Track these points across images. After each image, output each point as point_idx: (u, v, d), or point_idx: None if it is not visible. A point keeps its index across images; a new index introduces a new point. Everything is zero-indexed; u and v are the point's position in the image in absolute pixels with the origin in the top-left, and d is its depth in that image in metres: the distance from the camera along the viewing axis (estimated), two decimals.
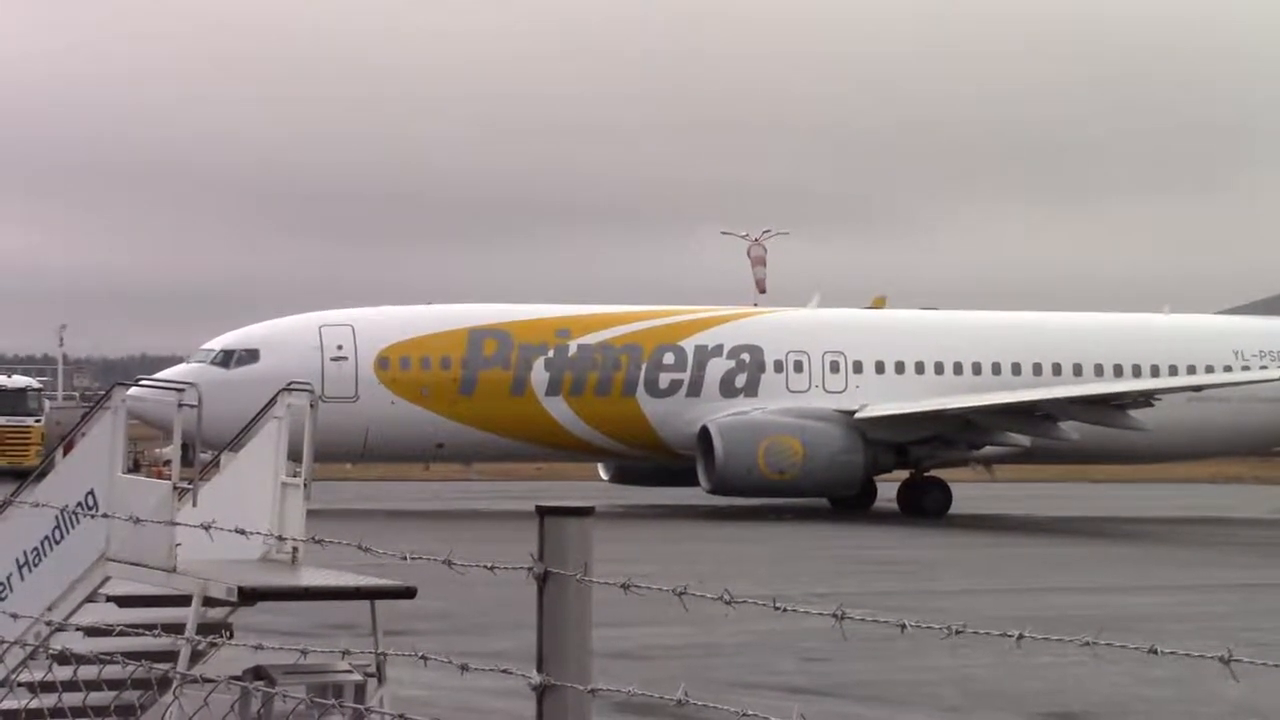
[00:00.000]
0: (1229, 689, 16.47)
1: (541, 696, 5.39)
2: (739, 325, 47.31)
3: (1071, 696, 17.59)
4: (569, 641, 5.43)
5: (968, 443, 45.84)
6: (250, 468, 12.35)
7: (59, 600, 11.37)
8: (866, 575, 30.87)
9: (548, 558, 5.49)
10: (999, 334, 48.46)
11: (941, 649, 15.87)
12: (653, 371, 45.59)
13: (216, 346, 44.01)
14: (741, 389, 45.86)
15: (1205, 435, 48.24)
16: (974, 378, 46.99)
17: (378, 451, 44.81)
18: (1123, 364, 48.02)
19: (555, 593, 5.46)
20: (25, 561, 11.67)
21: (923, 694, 17.58)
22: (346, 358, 43.66)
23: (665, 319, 46.90)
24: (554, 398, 44.99)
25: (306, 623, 18.77)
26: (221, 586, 10.73)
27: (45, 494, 11.74)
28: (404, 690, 12.46)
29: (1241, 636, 21.30)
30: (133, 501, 10.93)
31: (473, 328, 45.26)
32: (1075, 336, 48.77)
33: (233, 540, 10.02)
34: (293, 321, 44.83)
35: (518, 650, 8.49)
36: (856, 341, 47.18)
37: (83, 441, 12.00)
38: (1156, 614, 25.35)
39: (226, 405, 28.14)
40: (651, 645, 19.94)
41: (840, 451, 44.26)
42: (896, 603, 25.49)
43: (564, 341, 45.43)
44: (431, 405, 44.26)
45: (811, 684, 17.97)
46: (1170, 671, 17.90)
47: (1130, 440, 45.43)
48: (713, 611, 5.68)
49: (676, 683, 5.49)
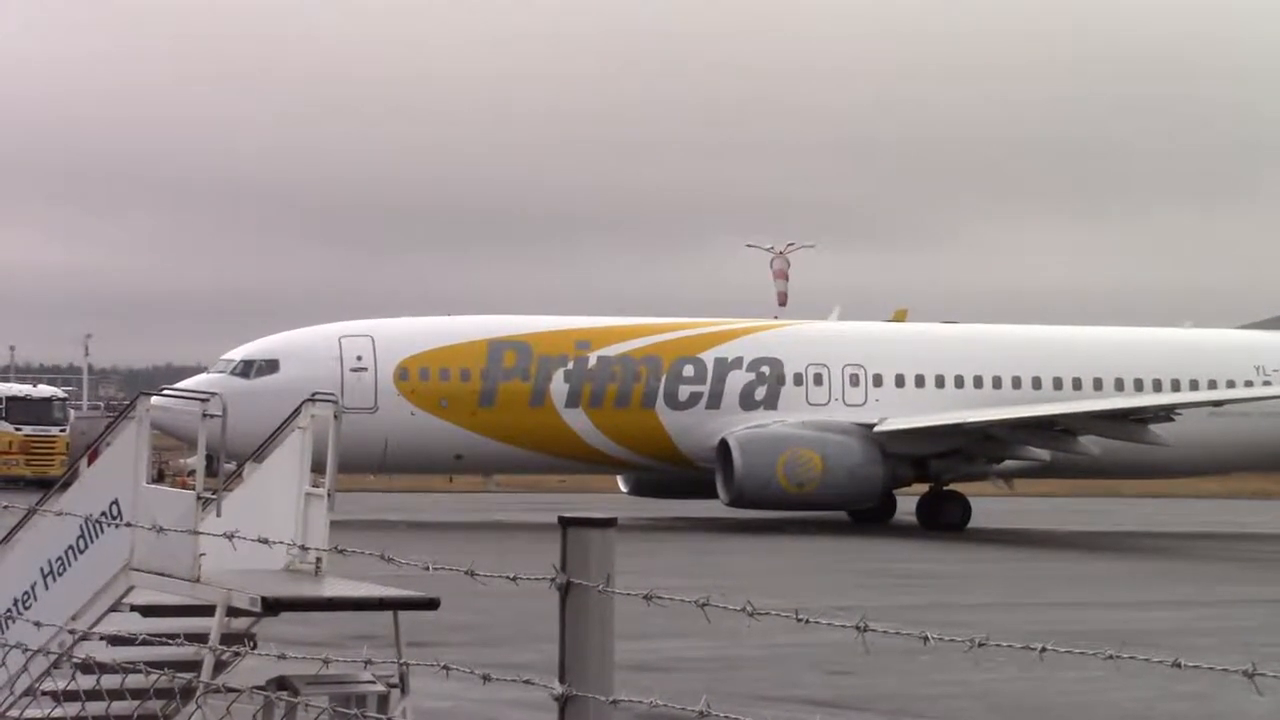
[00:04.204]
0: (1254, 704, 16.43)
1: (563, 707, 5.40)
2: (759, 338, 47.26)
3: (1095, 712, 17.56)
4: (591, 652, 5.44)
5: (987, 456, 45.78)
6: (274, 478, 12.36)
7: (83, 609, 11.39)
8: (888, 589, 30.83)
9: (570, 568, 5.49)
10: (1019, 348, 48.37)
11: (965, 663, 15.84)
12: (672, 384, 45.56)
13: (236, 357, 44.03)
14: (761, 401, 45.82)
15: (1226, 450, 48.10)
16: (994, 391, 46.90)
17: (397, 463, 44.81)
18: (1143, 378, 47.90)
19: (577, 603, 5.46)
20: (50, 570, 11.69)
21: (946, 708, 17.55)
22: (366, 369, 43.68)
23: (685, 331, 46.88)
24: (573, 409, 44.98)
25: (329, 633, 18.79)
26: (245, 597, 10.74)
27: (70, 503, 11.77)
28: (427, 702, 12.48)
29: (1266, 651, 21.23)
30: (157, 511, 10.96)
31: (492, 339, 45.26)
32: (1096, 351, 48.67)
33: (256, 550, 10.05)
34: (313, 332, 44.87)
35: (541, 662, 8.49)
36: (876, 354, 47.11)
37: (107, 451, 12.01)
38: (1180, 629, 25.30)
39: (246, 415, 28.15)
40: (674, 658, 19.93)
41: (859, 465, 44.19)
42: (919, 616, 25.44)
43: (584, 353, 45.41)
44: (451, 416, 44.26)
45: (834, 697, 17.95)
46: (1194, 686, 17.86)
47: (1150, 455, 45.31)
48: (735, 624, 5.67)
49: (699, 694, 5.49)
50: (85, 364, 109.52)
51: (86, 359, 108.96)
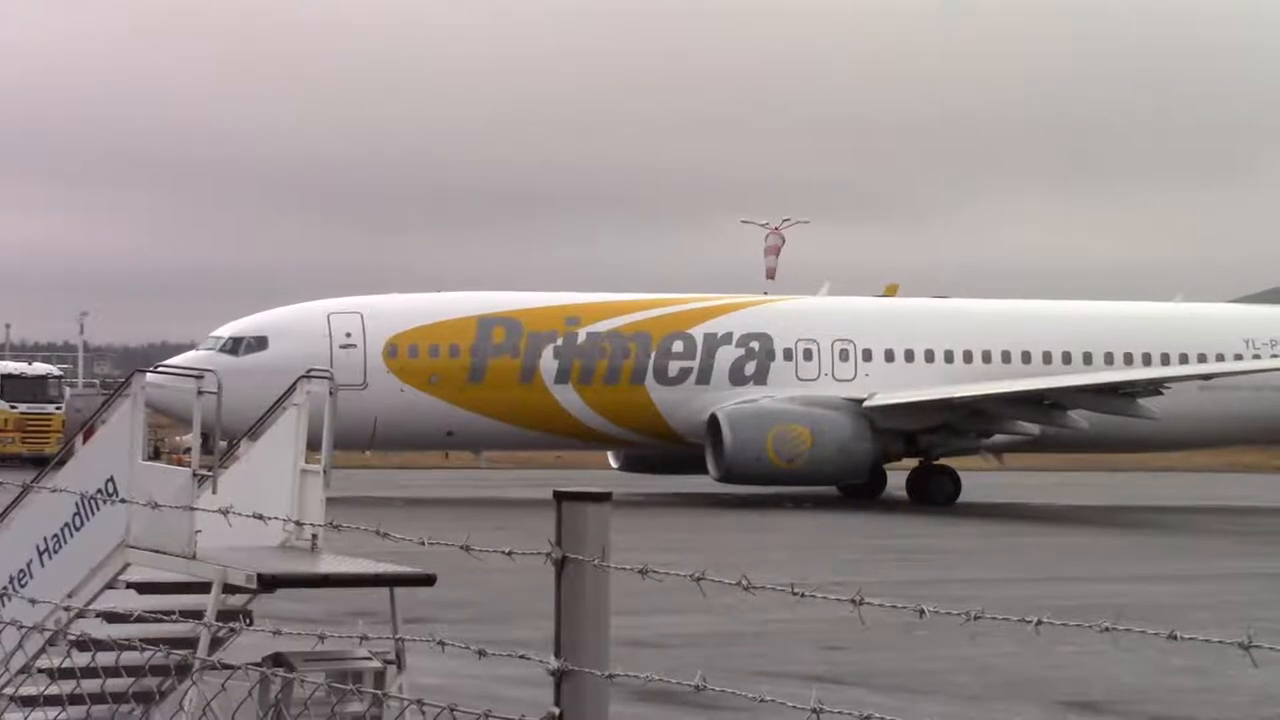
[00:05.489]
0: (1250, 677, 16.45)
1: (559, 681, 5.39)
2: (749, 313, 47.15)
3: (1092, 685, 17.57)
4: (587, 627, 5.42)
5: (977, 431, 45.75)
6: (270, 455, 12.34)
7: (79, 586, 11.38)
8: (883, 564, 30.87)
9: (565, 543, 5.48)
10: (1009, 323, 48.33)
11: (961, 638, 15.84)
12: (662, 359, 45.50)
13: (225, 334, 43.91)
14: (751, 377, 45.76)
15: (1215, 424, 48.08)
16: (984, 366, 46.87)
17: (386, 440, 44.73)
18: (1133, 353, 47.86)
19: (573, 578, 5.45)
20: (45, 548, 11.68)
21: (943, 682, 17.56)
22: (355, 345, 43.52)
23: (674, 307, 46.78)
24: (563, 385, 44.88)
25: (326, 609, 18.78)
26: (241, 573, 10.73)
27: (65, 481, 11.75)
28: (423, 678, 12.47)
29: (1263, 625, 21.25)
30: (153, 488, 10.94)
31: (482, 315, 45.13)
32: (1086, 325, 48.60)
33: (252, 527, 10.02)
34: (301, 309, 44.73)
35: (537, 638, 8.49)
36: (866, 330, 47.05)
37: (103, 429, 11.99)
38: (1176, 602, 25.33)
39: (235, 392, 28.00)
40: (670, 634, 19.94)
41: (849, 440, 44.16)
42: (915, 591, 25.46)
43: (573, 329, 45.30)
44: (440, 393, 44.13)
45: (831, 672, 17.96)
46: (1191, 660, 17.89)
47: (1140, 429, 45.30)
48: (731, 600, 5.67)
49: (695, 670, 5.48)
50: (81, 341, 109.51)
51: (82, 336, 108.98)
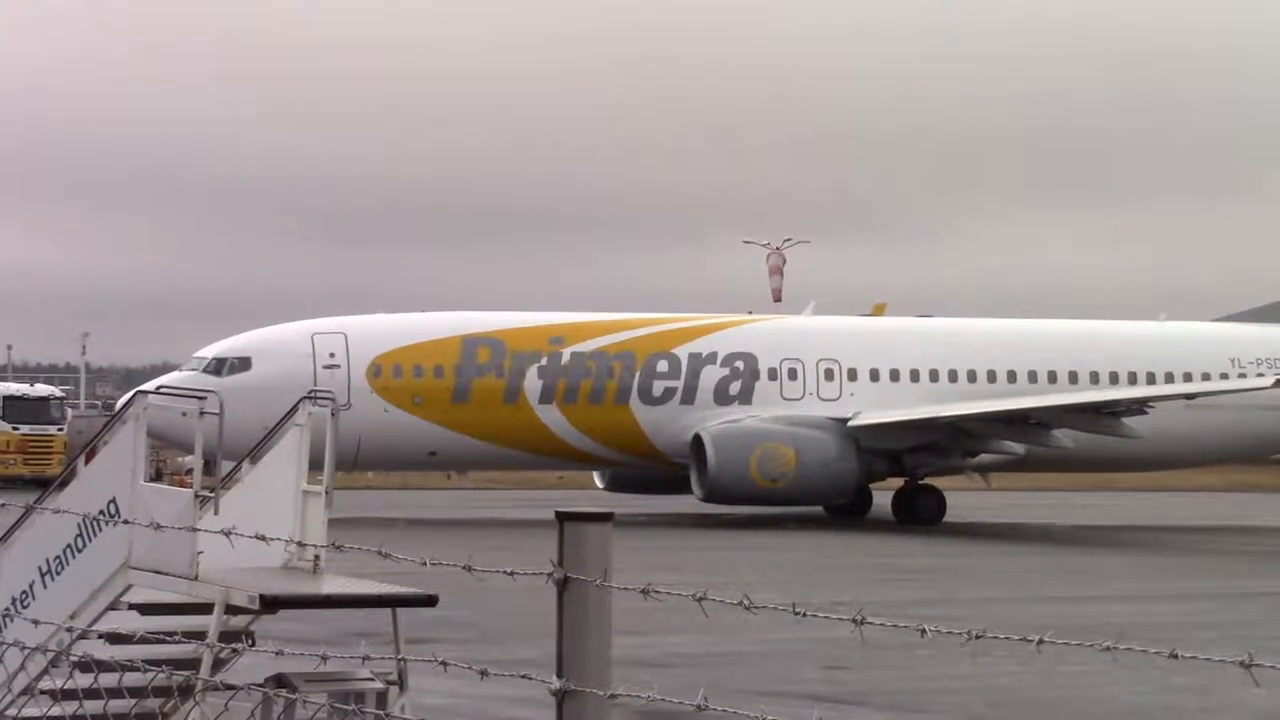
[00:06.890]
0: (1253, 697, 16.44)
1: (561, 702, 5.40)
2: (733, 333, 47.05)
3: (1094, 705, 17.56)
4: (589, 646, 5.44)
5: (962, 451, 45.66)
6: (272, 476, 12.36)
7: (81, 607, 11.39)
8: (882, 584, 30.82)
9: (567, 563, 5.50)
10: (995, 342, 48.27)
11: (963, 658, 15.85)
12: (646, 379, 45.40)
13: (209, 354, 43.76)
14: (735, 396, 45.67)
15: (1201, 443, 48.04)
16: (969, 385, 46.79)
17: (370, 460, 44.65)
18: (1119, 372, 47.79)
19: (575, 598, 5.47)
20: (48, 569, 11.70)
21: (945, 702, 17.55)
22: (339, 365, 43.37)
23: (659, 326, 46.69)
24: (547, 405, 44.78)
25: (328, 630, 18.77)
26: (243, 594, 10.75)
27: (68, 502, 11.77)
28: (426, 698, 12.48)
29: (1263, 644, 21.24)
30: (155, 510, 10.96)
31: (466, 335, 45.00)
32: (1071, 344, 48.51)
33: (254, 548, 10.04)
34: (285, 329, 44.56)
35: (539, 658, 8.50)
36: (851, 349, 46.97)
37: (105, 450, 12.01)
38: (1176, 622, 25.31)
39: None
40: (672, 654, 19.93)
41: (833, 459, 44.06)
42: (915, 611, 25.45)
43: (557, 349, 45.17)
44: (424, 413, 44.00)
45: (833, 692, 17.95)
46: (1193, 679, 17.87)
47: (1126, 448, 45.29)
48: (733, 620, 5.68)
49: (696, 689, 5.50)
50: (82, 363, 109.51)
51: (84, 358, 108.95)
